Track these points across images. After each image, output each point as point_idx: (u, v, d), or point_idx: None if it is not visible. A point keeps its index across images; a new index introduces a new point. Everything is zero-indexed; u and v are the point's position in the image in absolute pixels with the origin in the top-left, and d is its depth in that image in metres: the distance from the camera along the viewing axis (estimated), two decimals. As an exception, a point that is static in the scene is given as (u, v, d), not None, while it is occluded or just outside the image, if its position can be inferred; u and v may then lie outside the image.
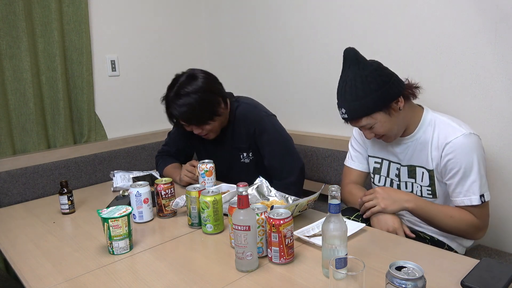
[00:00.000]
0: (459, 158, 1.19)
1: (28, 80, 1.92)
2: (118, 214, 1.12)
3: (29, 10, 1.93)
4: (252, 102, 1.78)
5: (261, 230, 1.06)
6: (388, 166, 1.40)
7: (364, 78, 1.18)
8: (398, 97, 1.22)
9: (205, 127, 1.62)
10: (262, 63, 2.40)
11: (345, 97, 1.22)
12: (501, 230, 1.56)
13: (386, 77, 1.21)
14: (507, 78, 1.46)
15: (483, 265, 0.95)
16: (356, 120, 1.23)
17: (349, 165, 1.52)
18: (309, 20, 2.07)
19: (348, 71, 1.22)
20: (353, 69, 1.20)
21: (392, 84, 1.21)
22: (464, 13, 1.52)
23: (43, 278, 1.04)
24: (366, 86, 1.18)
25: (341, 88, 1.23)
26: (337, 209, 0.92)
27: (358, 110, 1.21)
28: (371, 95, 1.18)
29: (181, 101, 1.56)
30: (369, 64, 1.22)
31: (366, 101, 1.18)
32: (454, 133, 1.21)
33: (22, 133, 1.97)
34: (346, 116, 1.24)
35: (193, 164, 1.66)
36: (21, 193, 1.88)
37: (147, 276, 1.02)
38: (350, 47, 1.23)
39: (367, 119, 1.22)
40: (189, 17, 2.63)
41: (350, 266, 0.82)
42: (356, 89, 1.19)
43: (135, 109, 2.42)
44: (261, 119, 1.70)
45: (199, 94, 1.56)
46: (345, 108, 1.23)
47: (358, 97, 1.19)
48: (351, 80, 1.20)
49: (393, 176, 1.39)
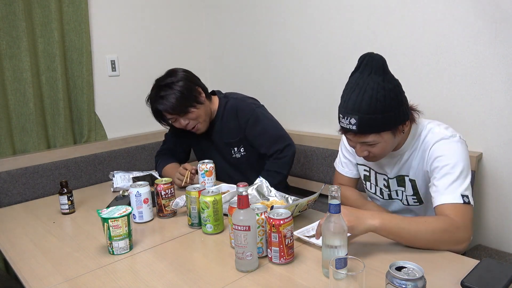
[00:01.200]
0: (444, 158, 1.14)
1: (28, 80, 1.92)
2: (118, 214, 1.13)
3: (29, 10, 1.93)
4: (240, 96, 1.82)
5: (261, 230, 1.06)
6: (375, 176, 1.37)
7: (388, 92, 1.08)
8: (407, 120, 1.16)
9: (190, 116, 1.66)
10: (262, 63, 2.40)
11: (361, 106, 1.08)
12: (501, 230, 1.56)
13: (403, 97, 1.14)
14: (507, 78, 1.46)
15: (483, 265, 0.95)
16: (365, 134, 1.12)
17: (339, 171, 1.50)
18: (309, 20, 2.07)
19: (368, 78, 1.09)
20: (376, 79, 1.08)
21: (406, 105, 1.15)
22: (464, 13, 1.52)
23: (43, 278, 1.04)
24: (388, 102, 1.08)
25: (356, 96, 1.09)
26: (337, 209, 0.92)
27: (372, 125, 1.09)
28: (389, 112, 1.09)
29: (162, 93, 1.63)
30: (393, 79, 1.12)
31: (384, 117, 1.09)
32: (440, 135, 1.17)
33: (22, 133, 1.97)
34: (355, 127, 1.10)
35: (185, 168, 1.67)
36: (21, 193, 1.88)
37: (147, 276, 1.02)
38: (379, 54, 1.12)
39: (375, 136, 1.12)
40: (189, 17, 2.63)
41: (350, 266, 0.82)
42: (376, 102, 1.07)
43: (135, 109, 2.42)
44: (253, 110, 1.74)
45: (179, 83, 1.64)
46: (356, 118, 1.09)
47: (377, 110, 1.07)
48: (372, 90, 1.07)
49: (382, 186, 1.36)
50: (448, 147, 1.15)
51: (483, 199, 1.60)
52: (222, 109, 1.77)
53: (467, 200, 1.10)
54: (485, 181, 1.58)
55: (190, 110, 1.65)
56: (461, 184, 1.11)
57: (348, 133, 1.16)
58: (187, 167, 1.66)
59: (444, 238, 1.06)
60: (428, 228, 1.07)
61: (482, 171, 1.58)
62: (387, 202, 1.39)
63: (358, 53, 1.99)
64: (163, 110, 1.64)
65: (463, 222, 1.07)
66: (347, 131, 1.15)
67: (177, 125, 1.71)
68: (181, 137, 1.89)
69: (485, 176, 1.57)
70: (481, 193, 1.60)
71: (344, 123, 1.13)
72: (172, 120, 1.69)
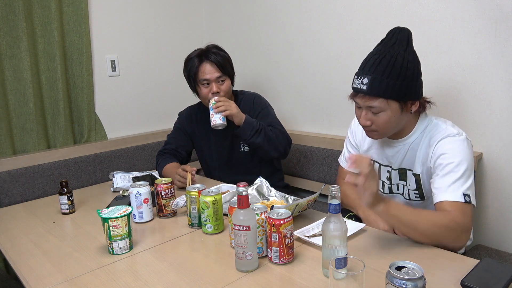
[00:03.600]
0: (448, 155, 1.15)
1: (28, 80, 1.92)
2: (118, 214, 1.12)
3: (29, 10, 1.93)
4: (257, 93, 1.92)
5: (261, 230, 1.06)
6: (379, 168, 1.38)
7: (406, 62, 1.11)
8: (417, 100, 1.17)
9: (224, 85, 1.74)
10: (262, 63, 2.40)
11: (376, 68, 1.11)
12: (501, 230, 1.56)
13: (419, 75, 1.17)
14: (507, 78, 1.46)
15: (483, 265, 0.95)
16: (373, 97, 1.13)
17: (343, 166, 1.52)
18: (309, 20, 2.07)
19: (391, 48, 1.13)
20: (398, 49, 1.12)
21: (420, 85, 1.18)
22: (464, 13, 1.52)
23: (43, 278, 1.04)
24: (403, 70, 1.11)
25: (375, 59, 1.13)
26: (337, 209, 0.92)
27: (381, 88, 1.11)
28: (402, 81, 1.11)
29: (214, 50, 1.74)
30: (415, 54, 1.16)
31: (395, 83, 1.10)
32: (446, 132, 1.18)
33: (22, 133, 1.97)
34: (365, 88, 1.12)
35: (185, 169, 1.67)
36: (21, 193, 1.88)
37: (147, 276, 1.02)
38: (406, 28, 1.16)
39: (382, 102, 1.13)
40: (189, 17, 2.63)
41: (350, 266, 0.82)
42: (392, 67, 1.10)
43: (135, 109, 2.42)
44: (266, 106, 1.85)
45: (226, 53, 1.79)
46: (368, 78, 1.11)
47: (391, 75, 1.10)
48: (391, 56, 1.11)
49: (385, 179, 1.37)
50: (453, 145, 1.15)
51: (483, 199, 1.60)
52: (239, 103, 1.82)
53: (469, 200, 1.10)
54: (485, 181, 1.58)
55: (229, 76, 1.75)
56: (463, 183, 1.12)
57: (357, 95, 1.17)
58: (187, 169, 1.66)
59: (444, 233, 1.06)
60: (430, 220, 1.07)
61: (482, 171, 1.58)
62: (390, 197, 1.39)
63: (358, 53, 2.00)
64: (213, 61, 1.70)
65: (463, 220, 1.08)
66: (357, 92, 1.16)
67: (205, 91, 1.73)
68: (189, 134, 1.93)
69: (485, 176, 1.58)
70: (481, 193, 1.60)
71: (356, 83, 1.15)
72: (207, 82, 1.72)
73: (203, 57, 1.72)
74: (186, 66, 1.77)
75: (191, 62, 1.74)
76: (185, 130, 1.93)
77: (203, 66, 1.71)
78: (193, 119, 1.92)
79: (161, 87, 2.53)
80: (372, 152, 1.40)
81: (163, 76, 2.52)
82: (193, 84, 1.78)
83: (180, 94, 2.58)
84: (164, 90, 2.55)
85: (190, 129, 1.92)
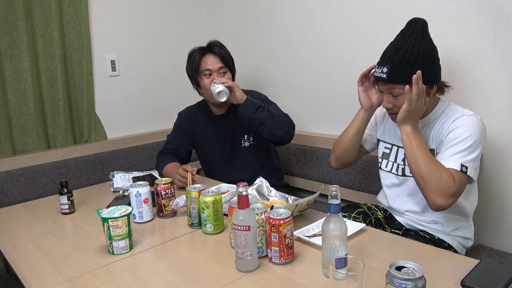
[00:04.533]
0: (458, 130, 1.22)
1: (28, 80, 1.92)
2: (118, 214, 1.12)
3: (29, 10, 1.93)
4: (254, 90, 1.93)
5: (261, 230, 1.06)
6: (397, 151, 1.43)
7: (422, 50, 1.20)
8: (435, 83, 1.26)
9: (226, 74, 1.79)
10: (262, 63, 2.40)
11: (394, 57, 1.22)
12: (501, 230, 1.56)
13: (436, 60, 1.25)
14: (507, 78, 1.46)
15: (483, 265, 0.95)
16: (393, 84, 1.24)
17: None
18: (310, 18, 2.07)
19: (408, 38, 1.22)
20: (415, 38, 1.22)
21: (437, 69, 1.26)
22: (464, 13, 1.52)
23: (43, 278, 1.04)
24: (419, 57, 1.20)
25: (393, 50, 1.23)
26: (337, 209, 0.92)
27: (399, 75, 1.21)
28: (420, 67, 1.19)
29: (218, 43, 1.81)
30: (431, 42, 1.24)
31: (412, 70, 1.19)
32: (462, 112, 1.26)
33: (22, 133, 1.97)
34: (385, 76, 1.23)
35: (185, 169, 1.67)
36: (21, 193, 1.88)
37: (147, 276, 1.02)
38: (422, 18, 1.24)
39: (402, 87, 1.22)
40: (189, 17, 2.63)
41: (350, 266, 0.82)
42: (409, 55, 1.20)
43: (135, 109, 2.42)
44: (266, 98, 1.86)
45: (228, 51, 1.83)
46: (388, 68, 1.22)
47: (408, 62, 1.20)
48: (408, 46, 1.21)
49: (400, 161, 1.41)
50: (466, 121, 1.22)
51: (483, 199, 1.59)
52: None
53: (465, 170, 1.17)
54: (485, 181, 1.58)
55: (230, 70, 1.81)
56: (465, 155, 1.18)
57: (379, 82, 1.29)
58: (187, 169, 1.66)
59: (435, 178, 1.15)
60: (435, 162, 1.18)
61: (482, 171, 1.58)
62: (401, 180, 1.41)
63: (358, 53, 2.00)
64: (217, 53, 1.76)
65: (452, 184, 1.15)
66: (378, 80, 1.27)
67: (207, 82, 1.75)
68: (184, 138, 1.93)
69: (485, 176, 1.57)
70: (481, 193, 1.59)
71: (377, 72, 1.27)
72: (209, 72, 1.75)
73: (206, 50, 1.79)
74: (189, 59, 1.81)
75: (194, 54, 1.80)
76: (185, 130, 1.93)
77: (206, 57, 1.77)
78: (192, 119, 1.93)
79: (161, 87, 2.53)
80: (389, 135, 1.46)
81: (163, 76, 2.52)
82: (195, 76, 1.79)
83: (180, 94, 2.59)
84: (164, 90, 2.55)
85: (190, 128, 1.93)
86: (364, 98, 1.42)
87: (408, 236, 1.31)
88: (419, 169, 1.19)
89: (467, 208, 1.35)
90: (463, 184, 1.18)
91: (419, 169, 1.19)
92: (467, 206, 1.34)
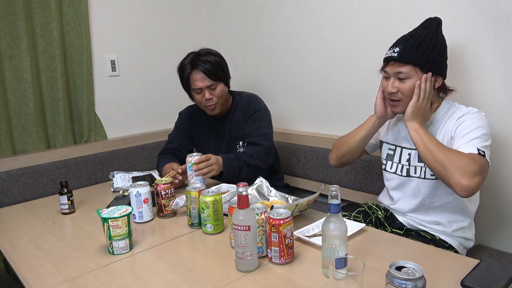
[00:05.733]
0: (468, 122, 1.23)
1: (28, 80, 1.92)
2: (118, 214, 1.12)
3: (29, 10, 1.93)
4: (255, 95, 1.91)
5: (261, 230, 1.06)
6: (400, 152, 1.43)
7: (434, 40, 1.27)
8: (441, 76, 1.30)
9: (217, 91, 1.73)
10: (262, 63, 2.40)
11: (408, 40, 1.28)
12: (501, 230, 1.56)
13: (446, 54, 1.31)
14: (507, 78, 1.46)
15: (483, 265, 0.95)
16: (402, 63, 1.26)
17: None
18: (309, 19, 2.07)
19: (423, 30, 1.29)
20: (429, 29, 1.29)
21: (445, 64, 1.31)
22: (464, 13, 1.52)
23: (43, 278, 1.04)
24: (431, 45, 1.26)
25: (407, 35, 1.30)
26: (337, 209, 0.92)
27: (410, 55, 1.25)
28: (429, 53, 1.25)
29: (202, 57, 1.72)
30: (443, 37, 1.31)
31: (423, 54, 1.25)
32: (467, 110, 1.28)
33: (22, 133, 1.97)
34: (396, 55, 1.27)
35: (172, 167, 1.68)
36: (21, 193, 1.88)
37: (147, 276, 1.02)
38: (437, 16, 1.32)
39: (410, 68, 1.26)
40: (189, 17, 2.63)
41: (350, 266, 0.82)
42: (422, 41, 1.26)
43: (135, 109, 2.42)
44: (260, 109, 1.83)
45: (217, 55, 1.78)
46: (400, 47, 1.27)
47: (421, 46, 1.25)
48: (422, 36, 1.27)
49: (404, 162, 1.41)
50: (473, 117, 1.25)
51: (483, 199, 1.59)
52: (235, 105, 1.85)
53: (483, 153, 1.15)
54: (485, 181, 1.57)
55: (221, 81, 1.74)
56: (480, 142, 1.18)
57: (388, 64, 1.30)
58: (173, 167, 1.67)
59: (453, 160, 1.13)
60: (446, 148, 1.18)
61: (482, 171, 1.58)
62: (404, 181, 1.41)
63: (358, 53, 2.00)
64: (202, 70, 1.69)
65: (472, 164, 1.11)
66: (389, 60, 1.30)
67: (199, 98, 1.75)
68: (189, 134, 1.94)
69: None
70: (481, 193, 1.59)
71: (388, 53, 1.31)
72: (199, 90, 1.73)
73: (193, 64, 1.72)
74: (179, 73, 1.79)
75: (182, 69, 1.76)
76: (185, 129, 1.94)
77: (193, 74, 1.72)
78: (193, 118, 1.93)
79: (161, 87, 2.53)
80: (392, 136, 1.46)
81: (163, 76, 2.52)
82: (188, 90, 1.80)
83: (180, 94, 2.55)
84: (164, 90, 2.55)
85: (190, 128, 1.93)
86: (381, 105, 1.41)
87: (409, 236, 1.31)
88: (435, 156, 1.17)
89: (469, 207, 1.35)
90: (484, 166, 1.15)
91: (435, 156, 1.17)
92: (469, 206, 1.35)
